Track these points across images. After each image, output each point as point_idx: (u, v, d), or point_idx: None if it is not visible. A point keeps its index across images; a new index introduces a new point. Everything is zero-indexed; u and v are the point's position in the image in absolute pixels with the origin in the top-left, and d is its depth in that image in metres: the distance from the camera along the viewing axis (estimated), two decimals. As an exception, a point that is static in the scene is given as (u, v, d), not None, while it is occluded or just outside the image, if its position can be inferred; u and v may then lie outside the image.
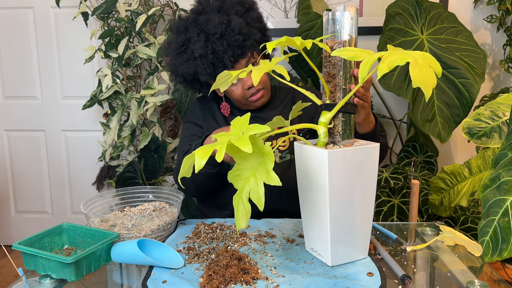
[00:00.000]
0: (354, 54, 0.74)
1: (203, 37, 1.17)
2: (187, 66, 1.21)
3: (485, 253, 0.79)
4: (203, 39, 1.17)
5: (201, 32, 1.18)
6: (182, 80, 1.28)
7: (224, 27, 1.16)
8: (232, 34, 1.16)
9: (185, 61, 1.21)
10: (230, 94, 1.25)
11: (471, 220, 1.71)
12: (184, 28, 1.21)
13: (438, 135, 1.77)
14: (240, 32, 1.17)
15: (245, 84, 1.20)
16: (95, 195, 1.14)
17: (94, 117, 2.49)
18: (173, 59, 1.24)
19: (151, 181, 2.09)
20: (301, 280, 0.82)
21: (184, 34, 1.20)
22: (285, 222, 1.15)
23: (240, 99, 1.24)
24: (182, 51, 1.21)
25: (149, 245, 0.93)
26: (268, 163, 0.74)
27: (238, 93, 1.22)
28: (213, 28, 1.16)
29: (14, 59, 2.48)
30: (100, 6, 2.00)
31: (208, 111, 1.34)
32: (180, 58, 1.22)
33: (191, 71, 1.21)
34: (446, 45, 1.85)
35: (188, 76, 1.24)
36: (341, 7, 0.87)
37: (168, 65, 1.28)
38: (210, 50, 1.17)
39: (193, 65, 1.20)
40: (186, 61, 1.21)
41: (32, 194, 2.63)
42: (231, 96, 1.26)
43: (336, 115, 0.89)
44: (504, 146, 0.84)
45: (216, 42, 1.16)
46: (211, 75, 1.20)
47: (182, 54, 1.21)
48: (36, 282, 0.85)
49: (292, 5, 2.32)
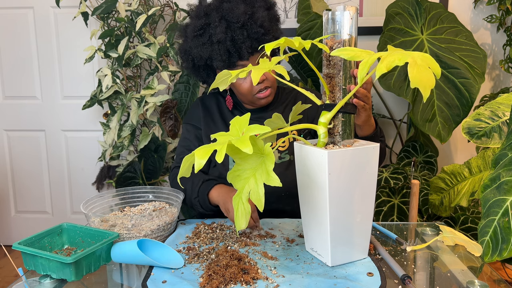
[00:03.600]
0: (353, 54, 0.74)
1: (224, 23, 1.17)
2: (202, 50, 1.20)
3: (485, 253, 0.79)
4: (224, 26, 1.17)
5: (222, 19, 1.17)
6: (191, 65, 1.27)
7: (247, 17, 1.17)
8: (254, 25, 1.17)
9: (201, 44, 1.20)
10: (238, 88, 1.23)
11: (471, 220, 1.71)
12: (204, 13, 1.20)
13: (438, 135, 1.77)
14: (262, 26, 1.18)
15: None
16: (95, 195, 1.14)
17: (94, 117, 2.49)
18: (188, 41, 1.23)
19: (151, 181, 2.09)
20: (301, 280, 0.82)
21: (205, 18, 1.20)
22: (285, 222, 1.15)
23: (247, 94, 1.23)
24: (199, 35, 1.20)
25: (149, 245, 0.93)
26: (268, 163, 0.74)
27: (246, 87, 1.21)
28: (236, 17, 1.16)
29: (14, 59, 2.48)
30: (100, 6, 2.00)
31: (208, 112, 1.33)
32: (196, 40, 1.21)
33: (205, 55, 1.20)
34: (446, 45, 1.85)
35: (199, 60, 1.23)
36: (341, 7, 0.87)
37: (180, 48, 1.28)
38: (230, 38, 1.16)
39: (209, 49, 1.19)
40: (202, 45, 1.20)
41: (32, 194, 2.63)
42: (238, 91, 1.25)
43: (336, 115, 0.89)
44: (504, 146, 0.84)
45: (236, 31, 1.16)
46: (225, 62, 1.19)
47: (200, 37, 1.20)
48: (36, 282, 0.85)
49: (292, 5, 2.32)
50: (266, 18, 1.20)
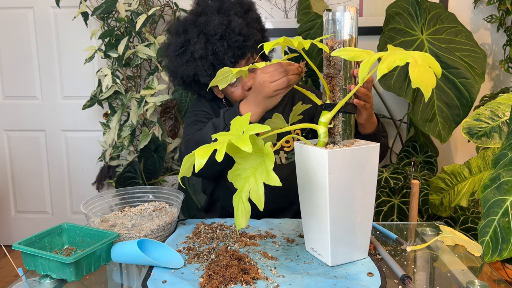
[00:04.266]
0: (354, 54, 0.74)
1: (203, 38, 1.17)
2: (186, 68, 1.20)
3: (485, 253, 0.79)
4: (203, 40, 1.16)
5: (200, 33, 1.17)
6: (181, 82, 1.27)
7: (224, 27, 1.15)
8: (233, 34, 1.16)
9: (184, 63, 1.20)
10: (230, 96, 1.23)
11: (471, 220, 1.71)
12: (183, 30, 1.20)
13: (438, 135, 1.77)
14: (240, 33, 1.16)
15: (245, 85, 1.19)
16: (95, 195, 1.14)
17: (94, 117, 2.49)
18: (173, 61, 1.23)
19: (151, 181, 2.09)
20: (301, 280, 0.82)
21: (184, 35, 1.19)
22: (285, 222, 1.15)
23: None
24: (181, 53, 1.20)
25: (149, 245, 0.93)
26: (268, 163, 0.74)
27: (239, 95, 1.21)
28: (213, 29, 1.15)
29: (14, 59, 2.48)
30: (100, 6, 2.00)
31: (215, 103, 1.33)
32: (179, 59, 1.21)
33: (191, 73, 1.20)
34: (446, 45, 1.85)
35: (187, 78, 1.23)
36: (341, 7, 0.87)
37: (167, 67, 1.27)
38: (210, 51, 1.16)
39: (193, 66, 1.19)
40: (185, 63, 1.20)
41: (32, 194, 2.63)
42: (231, 98, 1.25)
43: (336, 115, 0.89)
44: (504, 146, 0.84)
45: (216, 43, 1.15)
46: (211, 76, 1.18)
47: (182, 55, 1.20)
48: (36, 282, 0.85)
49: (292, 5, 2.32)
50: (244, 25, 1.18)
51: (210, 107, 1.31)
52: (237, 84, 1.20)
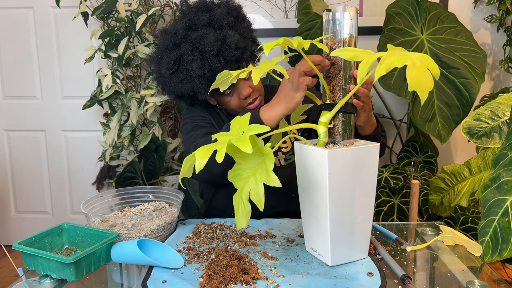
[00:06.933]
0: (354, 54, 0.74)
1: (197, 55, 1.11)
2: (182, 86, 1.15)
3: (485, 253, 0.79)
4: (199, 58, 1.11)
5: (194, 49, 1.11)
6: (174, 96, 1.22)
7: (220, 43, 1.10)
8: (229, 50, 1.11)
9: (180, 81, 1.14)
10: (227, 105, 1.20)
11: (471, 220, 1.71)
12: (173, 44, 1.14)
13: (438, 135, 1.77)
14: (237, 48, 1.12)
15: (241, 94, 1.16)
16: (95, 195, 1.14)
17: (94, 117, 2.49)
18: (166, 78, 1.17)
19: (151, 181, 2.09)
20: (301, 280, 0.82)
21: (175, 51, 1.13)
22: (285, 222, 1.15)
23: (237, 109, 1.20)
24: (175, 70, 1.14)
25: (149, 245, 0.93)
26: (268, 163, 0.75)
27: (235, 104, 1.18)
28: (209, 45, 1.09)
29: (14, 59, 2.48)
30: (100, 6, 2.00)
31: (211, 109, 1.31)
32: (174, 78, 1.15)
33: (188, 90, 1.15)
34: (446, 45, 1.85)
35: (182, 93, 1.18)
36: (341, 8, 0.87)
37: (157, 80, 1.21)
38: (207, 68, 1.12)
39: (190, 85, 1.14)
40: (181, 81, 1.14)
41: (32, 194, 2.63)
42: (227, 108, 1.22)
43: (336, 115, 0.89)
44: (504, 146, 0.84)
45: (213, 60, 1.11)
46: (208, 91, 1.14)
47: (176, 73, 1.14)
48: (36, 282, 0.85)
49: (292, 5, 2.32)
50: (239, 39, 1.13)
51: (207, 112, 1.28)
52: (232, 94, 1.18)
